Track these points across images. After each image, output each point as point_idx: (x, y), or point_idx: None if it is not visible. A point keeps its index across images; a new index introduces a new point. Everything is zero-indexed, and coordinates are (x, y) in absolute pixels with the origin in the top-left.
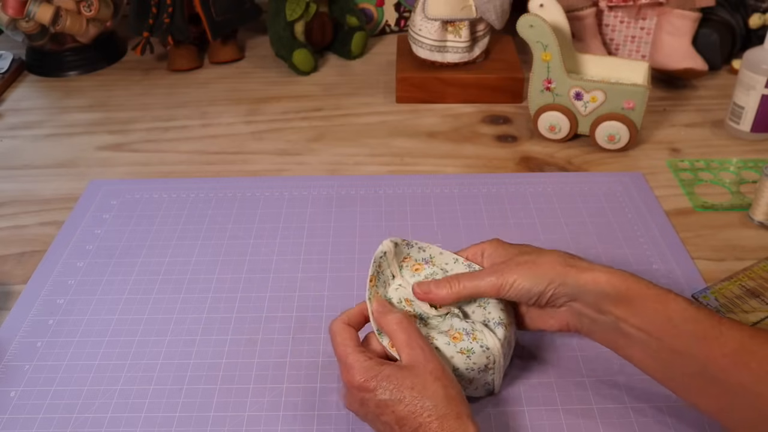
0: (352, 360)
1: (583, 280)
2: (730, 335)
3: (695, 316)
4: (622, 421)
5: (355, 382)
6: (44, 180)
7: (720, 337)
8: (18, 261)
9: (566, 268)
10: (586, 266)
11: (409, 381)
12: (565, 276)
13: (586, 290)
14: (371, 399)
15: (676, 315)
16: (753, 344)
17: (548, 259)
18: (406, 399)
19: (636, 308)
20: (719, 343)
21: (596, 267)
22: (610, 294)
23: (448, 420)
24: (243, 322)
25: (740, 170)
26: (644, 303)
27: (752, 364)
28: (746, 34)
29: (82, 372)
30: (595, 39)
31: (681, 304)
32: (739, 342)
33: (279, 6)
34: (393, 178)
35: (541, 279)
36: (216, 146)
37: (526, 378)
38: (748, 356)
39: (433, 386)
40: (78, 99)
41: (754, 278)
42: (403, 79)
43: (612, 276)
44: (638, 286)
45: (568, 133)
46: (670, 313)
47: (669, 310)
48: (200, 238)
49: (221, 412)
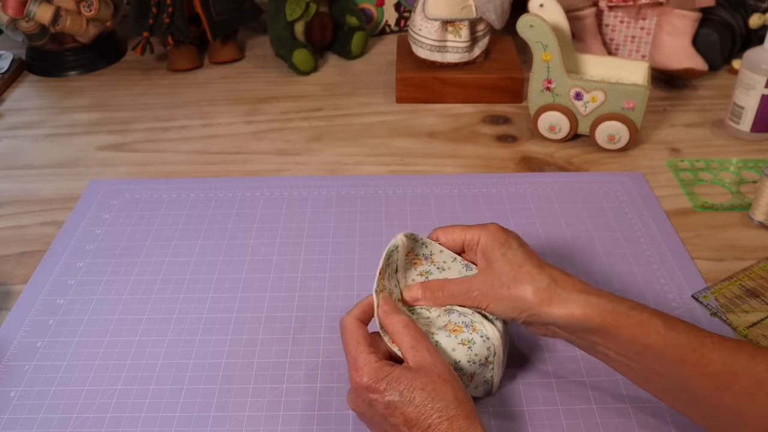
0: (363, 360)
1: (556, 314)
2: (711, 358)
3: (675, 341)
4: (622, 421)
5: (364, 383)
6: (44, 180)
7: (701, 360)
8: (18, 261)
9: (540, 299)
10: (563, 297)
11: (419, 382)
12: (538, 308)
13: (559, 323)
14: (380, 400)
15: (654, 342)
16: (735, 364)
17: (520, 290)
18: (416, 400)
19: (612, 339)
20: (700, 365)
21: (572, 298)
22: (586, 327)
23: (458, 420)
24: (243, 322)
25: (740, 170)
26: (621, 333)
27: (735, 386)
28: (746, 34)
29: (82, 372)
30: (595, 39)
31: (660, 331)
32: (720, 364)
33: (279, 6)
34: (393, 178)
35: (511, 309)
36: (216, 146)
37: (526, 378)
38: (730, 378)
39: (442, 388)
40: (78, 99)
41: (754, 278)
42: (403, 79)
43: (588, 308)
44: (615, 316)
45: (568, 133)
46: (648, 341)
47: (647, 338)
48: (200, 238)
49: (221, 412)
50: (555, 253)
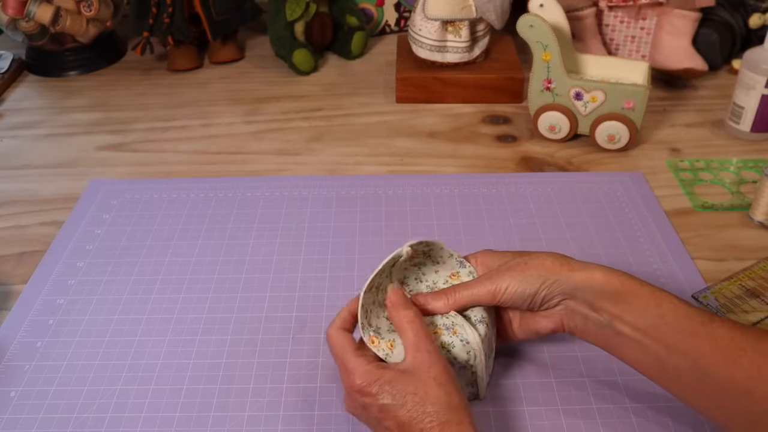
0: (353, 364)
1: (577, 278)
2: (721, 332)
3: (687, 313)
4: (622, 421)
5: (356, 386)
6: (44, 180)
7: (711, 333)
8: (18, 261)
9: (559, 267)
10: (580, 265)
11: (412, 386)
12: (558, 274)
13: (580, 288)
14: (373, 404)
15: (668, 312)
16: (744, 341)
17: (540, 260)
18: (408, 404)
19: (630, 305)
20: (710, 339)
21: (590, 266)
22: (605, 291)
23: (450, 427)
24: (243, 322)
25: (740, 170)
26: (638, 300)
27: (743, 360)
28: (746, 34)
29: (82, 372)
30: (595, 39)
31: (673, 302)
32: (730, 339)
33: (279, 6)
34: (393, 178)
35: (533, 280)
36: (216, 146)
37: (526, 378)
38: (739, 353)
39: (436, 392)
40: (78, 99)
41: (754, 278)
42: (403, 79)
43: (606, 274)
44: (632, 283)
45: (568, 133)
46: (662, 311)
47: (662, 307)
48: (200, 238)
49: (221, 412)
50: None
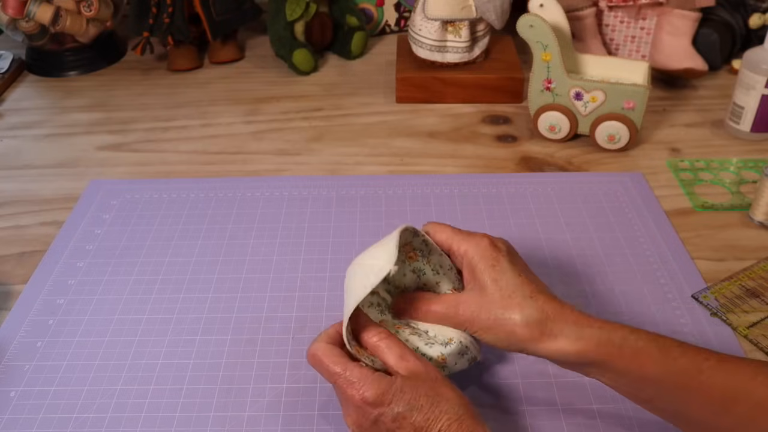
0: (358, 375)
1: (547, 350)
2: (710, 384)
3: (671, 369)
4: (622, 421)
5: (369, 398)
6: (44, 180)
7: (700, 387)
8: (18, 261)
9: (531, 335)
10: (555, 332)
11: (422, 389)
12: (528, 344)
13: (550, 359)
14: (387, 413)
15: (651, 372)
16: (735, 389)
17: (513, 322)
18: (424, 407)
19: (607, 370)
20: (699, 393)
21: (564, 332)
22: (579, 362)
23: (466, 420)
24: (243, 322)
25: (740, 170)
26: (616, 365)
27: (735, 410)
28: (746, 34)
29: (82, 372)
30: (595, 39)
31: (657, 360)
32: (720, 390)
33: (279, 6)
34: (393, 178)
35: (501, 341)
36: (216, 146)
37: (526, 378)
38: (729, 404)
39: (443, 390)
40: (78, 99)
41: (754, 278)
42: (403, 79)
43: (579, 343)
44: (609, 349)
45: (568, 133)
46: (644, 372)
47: (643, 368)
48: (200, 238)
49: (221, 412)
50: (555, 254)
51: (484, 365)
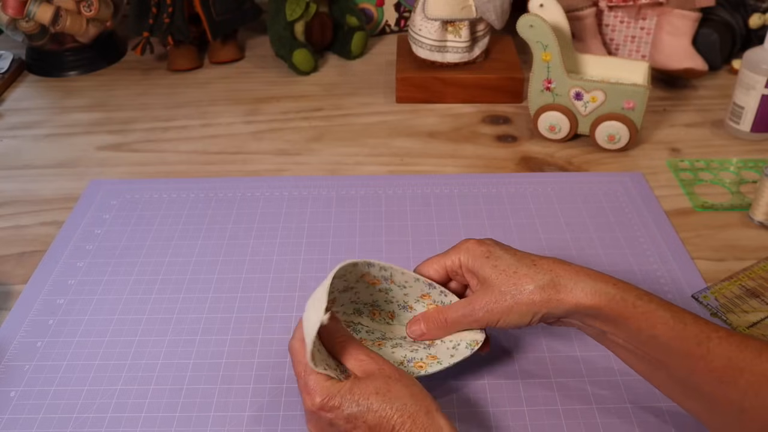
0: (313, 382)
1: (566, 305)
2: (717, 352)
3: (681, 334)
4: (622, 421)
5: (318, 404)
6: (44, 180)
7: (707, 354)
8: (18, 261)
9: (549, 297)
10: (569, 287)
11: (372, 387)
12: (548, 306)
13: (570, 312)
14: (339, 416)
15: (661, 333)
16: (741, 360)
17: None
18: (373, 406)
19: (620, 327)
20: (706, 360)
21: (579, 287)
22: (595, 315)
23: (419, 416)
24: (243, 322)
25: (740, 170)
26: (628, 323)
27: (740, 381)
28: (746, 34)
29: (82, 372)
30: (595, 39)
31: (668, 323)
32: (726, 359)
33: (279, 6)
34: (393, 178)
35: (525, 316)
36: (216, 146)
37: (526, 378)
38: (735, 373)
39: (395, 387)
40: (78, 99)
41: (754, 278)
42: (403, 79)
43: (595, 297)
44: (623, 305)
45: (568, 133)
46: (655, 332)
47: (654, 329)
48: (200, 238)
49: (221, 412)
50: (555, 254)
51: (485, 365)
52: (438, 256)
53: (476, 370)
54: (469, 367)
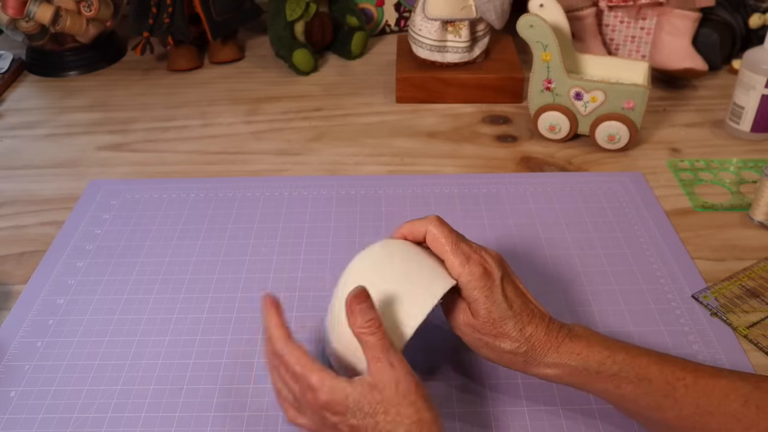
0: (316, 380)
1: (533, 373)
2: (685, 402)
3: (647, 391)
4: (622, 421)
5: (322, 402)
6: (44, 180)
7: (674, 405)
8: (18, 261)
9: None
10: (538, 361)
11: (382, 406)
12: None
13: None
14: (343, 422)
15: (628, 393)
16: (709, 405)
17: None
18: (379, 424)
19: (587, 389)
20: (674, 410)
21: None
22: (561, 382)
23: None
24: (243, 322)
25: (740, 170)
26: (595, 388)
27: (711, 424)
28: (746, 34)
29: (82, 372)
30: (595, 39)
31: (632, 381)
32: (695, 406)
33: (279, 6)
34: (393, 178)
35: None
36: (216, 146)
37: (526, 378)
38: (706, 418)
39: (406, 411)
40: (78, 99)
41: (754, 278)
42: (403, 79)
43: (559, 371)
44: (586, 376)
45: (568, 133)
46: (622, 392)
47: (619, 389)
48: (200, 238)
49: (221, 412)
50: (555, 253)
51: (485, 365)
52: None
53: (476, 370)
54: (469, 367)
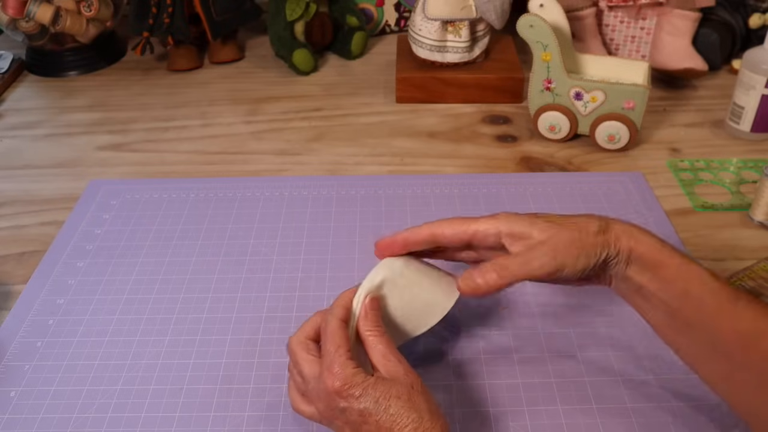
0: (339, 366)
1: (619, 248)
2: (745, 313)
3: (714, 289)
4: (622, 421)
5: (336, 387)
6: (44, 180)
7: (735, 313)
8: (18, 261)
9: (608, 239)
10: (619, 232)
11: (395, 391)
12: (609, 248)
13: (620, 259)
14: (354, 406)
15: (694, 287)
16: (765, 324)
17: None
18: (391, 409)
19: (657, 276)
20: (733, 319)
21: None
22: (636, 260)
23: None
24: (243, 322)
25: (740, 170)
26: (665, 272)
27: (763, 344)
28: (746, 34)
29: (82, 372)
30: (595, 39)
31: (702, 277)
32: (753, 321)
33: (279, 6)
34: (393, 178)
35: (592, 257)
36: (216, 146)
37: (526, 378)
38: (760, 336)
39: (417, 399)
40: (78, 99)
41: (754, 278)
42: (403, 79)
43: (639, 243)
44: (661, 253)
45: (568, 133)
46: (688, 286)
47: (688, 282)
48: (200, 238)
49: (221, 412)
50: None
51: (485, 365)
52: (462, 220)
53: (476, 370)
54: (469, 367)
